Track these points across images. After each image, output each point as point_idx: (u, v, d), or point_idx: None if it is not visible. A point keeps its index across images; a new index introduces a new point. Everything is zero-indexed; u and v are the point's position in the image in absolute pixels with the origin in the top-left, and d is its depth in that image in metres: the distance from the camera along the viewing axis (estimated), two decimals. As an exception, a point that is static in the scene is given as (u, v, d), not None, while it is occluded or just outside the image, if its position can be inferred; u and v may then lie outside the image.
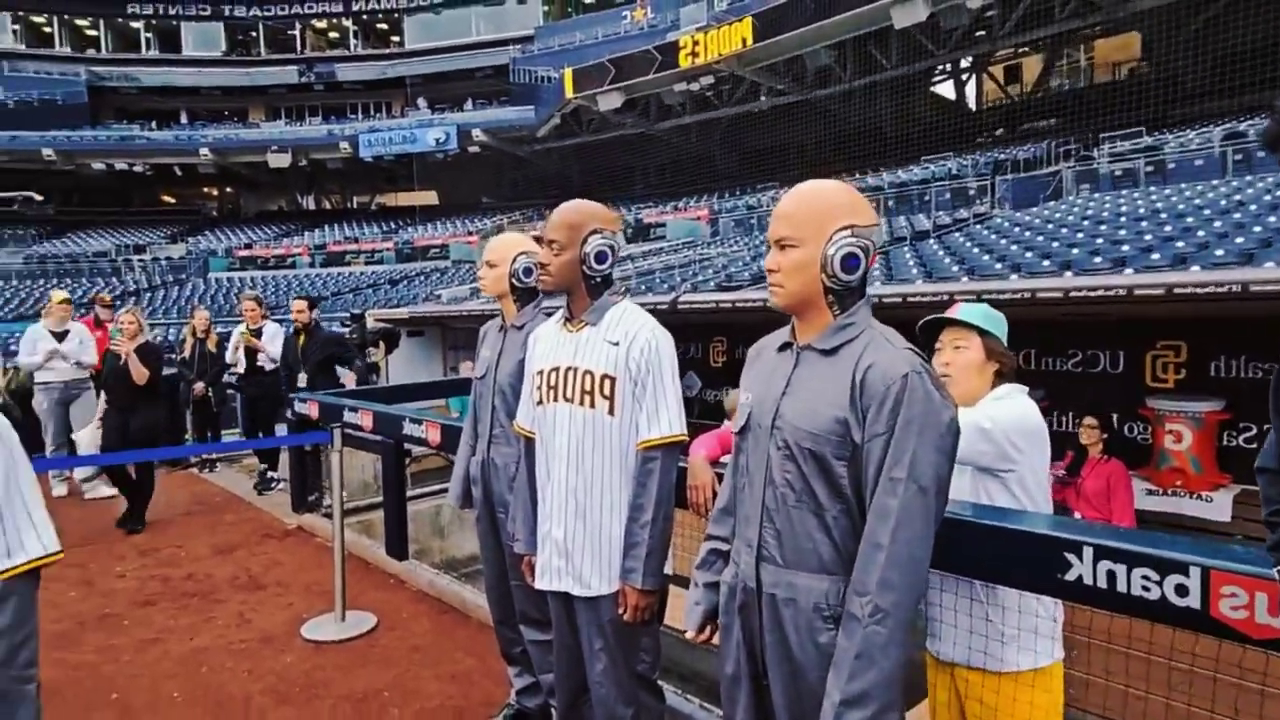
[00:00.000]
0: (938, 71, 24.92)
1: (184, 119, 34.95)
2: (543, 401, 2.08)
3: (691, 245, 21.71)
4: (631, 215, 26.40)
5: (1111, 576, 1.47)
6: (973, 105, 26.31)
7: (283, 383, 6.23)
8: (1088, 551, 1.50)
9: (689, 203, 26.94)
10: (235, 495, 6.42)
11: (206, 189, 38.39)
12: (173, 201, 38.00)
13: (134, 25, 35.32)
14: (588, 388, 1.98)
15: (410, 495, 4.99)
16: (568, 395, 2.01)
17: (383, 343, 10.60)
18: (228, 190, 38.78)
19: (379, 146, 31.56)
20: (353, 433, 4.30)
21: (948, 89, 26.55)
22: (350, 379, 6.30)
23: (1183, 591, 1.38)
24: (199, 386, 7.32)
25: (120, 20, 35.17)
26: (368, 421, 4.43)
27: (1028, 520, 1.69)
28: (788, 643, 1.42)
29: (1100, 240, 10.91)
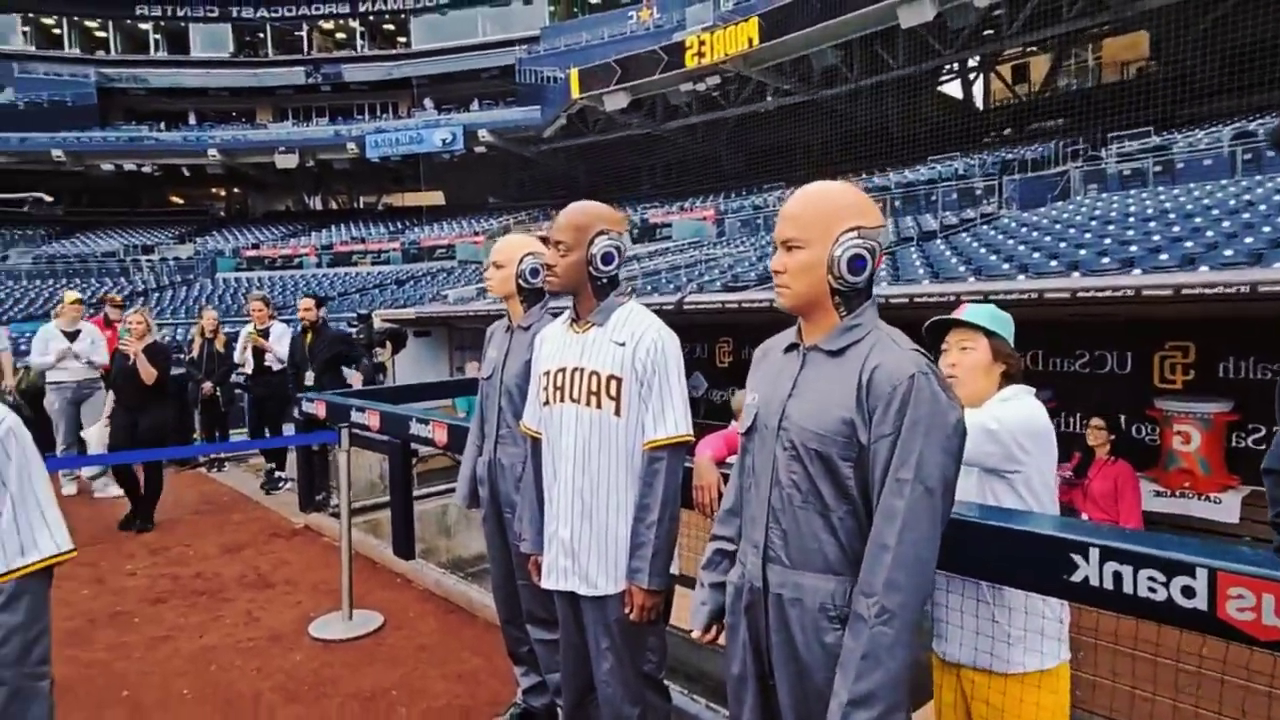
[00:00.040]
0: (945, 71, 24.85)
1: (192, 120, 35.14)
2: (549, 402, 2.08)
3: (697, 245, 21.71)
4: (637, 215, 26.41)
5: (1118, 578, 1.47)
6: (980, 105, 26.23)
7: (290, 381, 6.25)
8: (1094, 553, 1.50)
9: (695, 203, 26.93)
10: (243, 494, 6.45)
11: (214, 189, 38.59)
12: (181, 202, 38.21)
13: (142, 27, 35.55)
14: (594, 388, 1.99)
15: (417, 495, 5.00)
16: (574, 396, 2.02)
17: (389, 343, 10.63)
18: (235, 191, 38.96)
19: (385, 147, 31.68)
20: (360, 433, 4.32)
21: (955, 89, 26.51)
22: (356, 379, 6.30)
23: (1189, 593, 1.38)
24: (207, 386, 7.38)
25: (129, 22, 35.40)
26: (375, 421, 4.45)
27: (1034, 521, 1.69)
28: (794, 643, 1.42)
29: (1108, 240, 10.88)
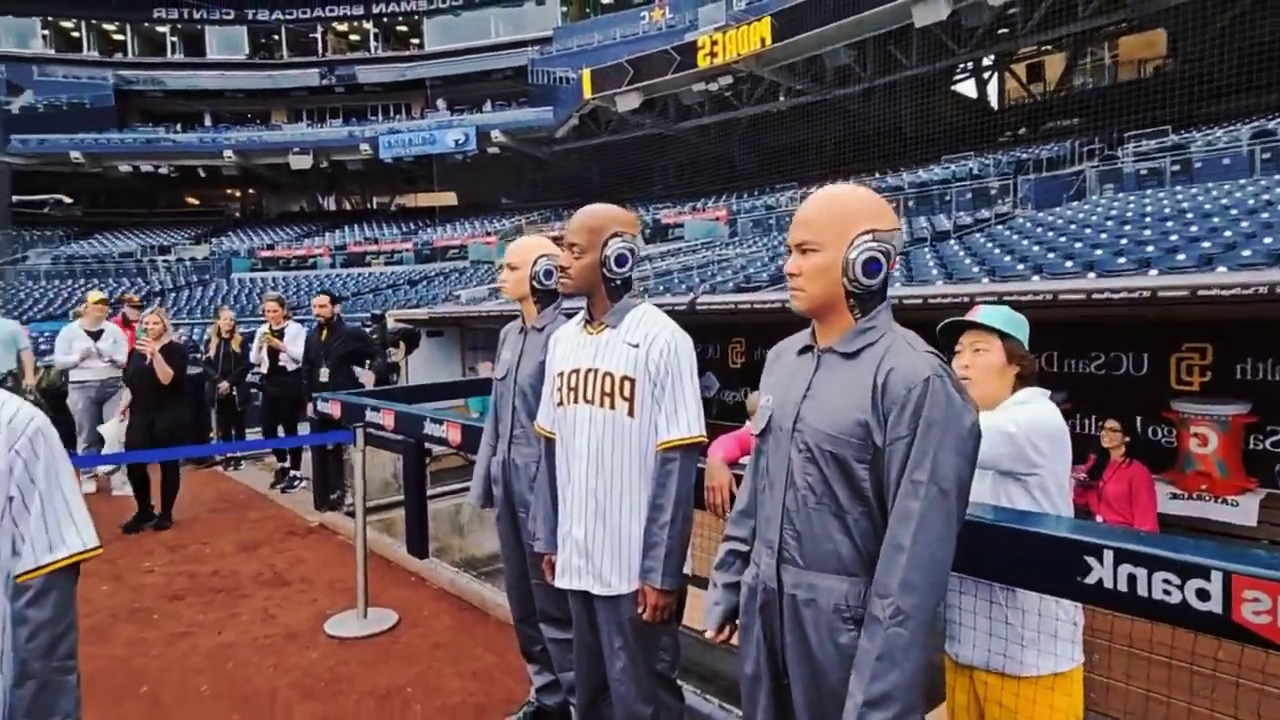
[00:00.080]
0: (959, 70, 24.68)
1: (208, 121, 35.47)
2: (563, 403, 2.10)
3: (710, 246, 21.68)
4: (649, 216, 26.40)
5: (1132, 580, 1.47)
6: (994, 104, 26.04)
7: (304, 378, 6.30)
8: (1108, 555, 1.50)
9: (707, 203, 26.90)
10: (259, 493, 6.52)
11: (229, 190, 38.93)
12: (196, 203, 38.57)
13: (159, 29, 35.91)
14: (608, 389, 2.01)
15: (430, 494, 5.04)
16: (588, 397, 2.04)
17: (403, 343, 10.72)
18: (250, 191, 39.28)
19: (399, 148, 31.84)
20: (374, 432, 4.35)
21: (969, 88, 26.30)
22: (368, 378, 6.32)
23: (1204, 596, 1.38)
24: (223, 386, 7.46)
25: (146, 25, 35.77)
26: (389, 421, 4.49)
27: (1048, 523, 1.69)
28: (808, 643, 1.43)
29: (1124, 241, 10.77)
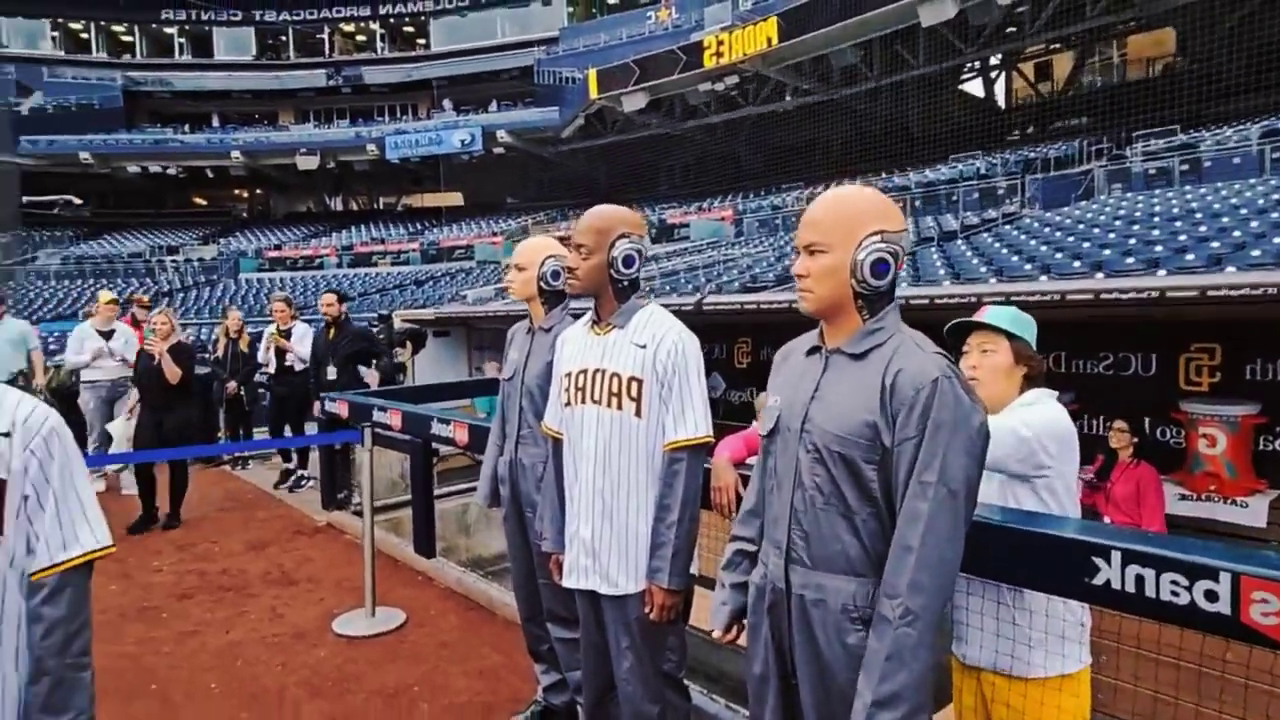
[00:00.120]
0: (966, 70, 24.62)
1: (215, 122, 35.61)
2: (570, 403, 2.11)
3: (715, 246, 21.67)
4: (655, 216, 26.39)
5: (1140, 581, 1.47)
6: (1002, 103, 25.95)
7: (311, 377, 6.33)
8: (1116, 556, 1.50)
9: (713, 203, 26.88)
10: (266, 492, 6.55)
11: (237, 191, 39.09)
12: (204, 203, 38.74)
13: (167, 31, 36.07)
14: (615, 390, 2.01)
15: (437, 494, 5.05)
16: (595, 397, 2.04)
17: (410, 343, 10.77)
18: (257, 192, 39.42)
19: (405, 148, 31.91)
20: (382, 432, 4.37)
21: (976, 87, 26.23)
22: (373, 378, 6.32)
23: (1212, 597, 1.37)
24: (231, 385, 7.50)
25: (154, 26, 35.93)
26: (396, 421, 4.51)
27: (1055, 524, 1.69)
28: (816, 643, 1.44)
29: (1133, 241, 10.73)
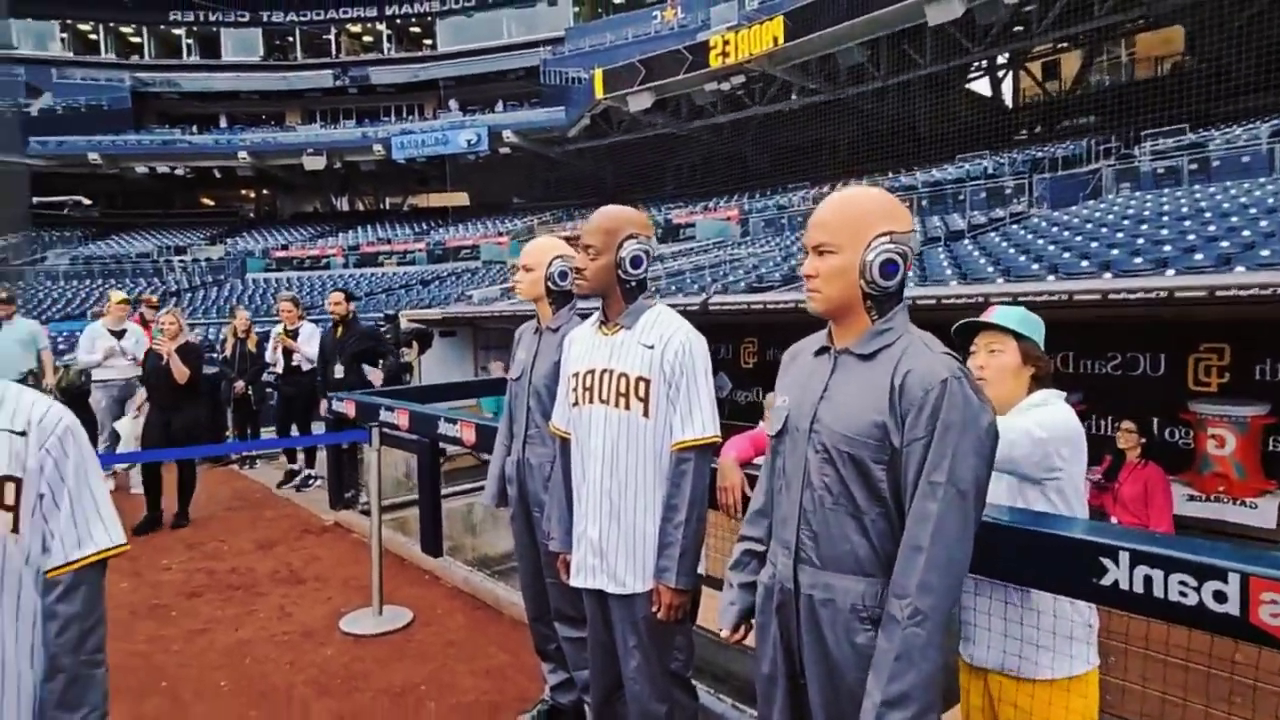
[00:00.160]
0: (973, 68, 24.54)
1: (223, 123, 35.74)
2: (578, 403, 2.12)
3: (721, 246, 21.65)
4: (661, 216, 26.39)
5: (1148, 582, 1.47)
6: (1009, 103, 25.86)
7: (319, 376, 6.35)
8: (1124, 556, 1.50)
9: (719, 203, 26.86)
10: (274, 491, 6.57)
11: (244, 191, 39.24)
12: (212, 204, 38.91)
13: (175, 32, 36.20)
14: (623, 390, 2.02)
15: (443, 493, 5.07)
16: (603, 397, 2.05)
17: (416, 343, 10.79)
18: (264, 192, 39.57)
19: (411, 148, 31.98)
20: (389, 431, 4.39)
21: (983, 86, 26.14)
22: (377, 377, 6.29)
23: (1221, 598, 1.37)
24: (239, 385, 7.54)
25: (163, 27, 36.07)
26: (404, 421, 4.53)
27: (1064, 525, 1.69)
28: (825, 642, 1.44)
29: (1141, 240, 10.67)
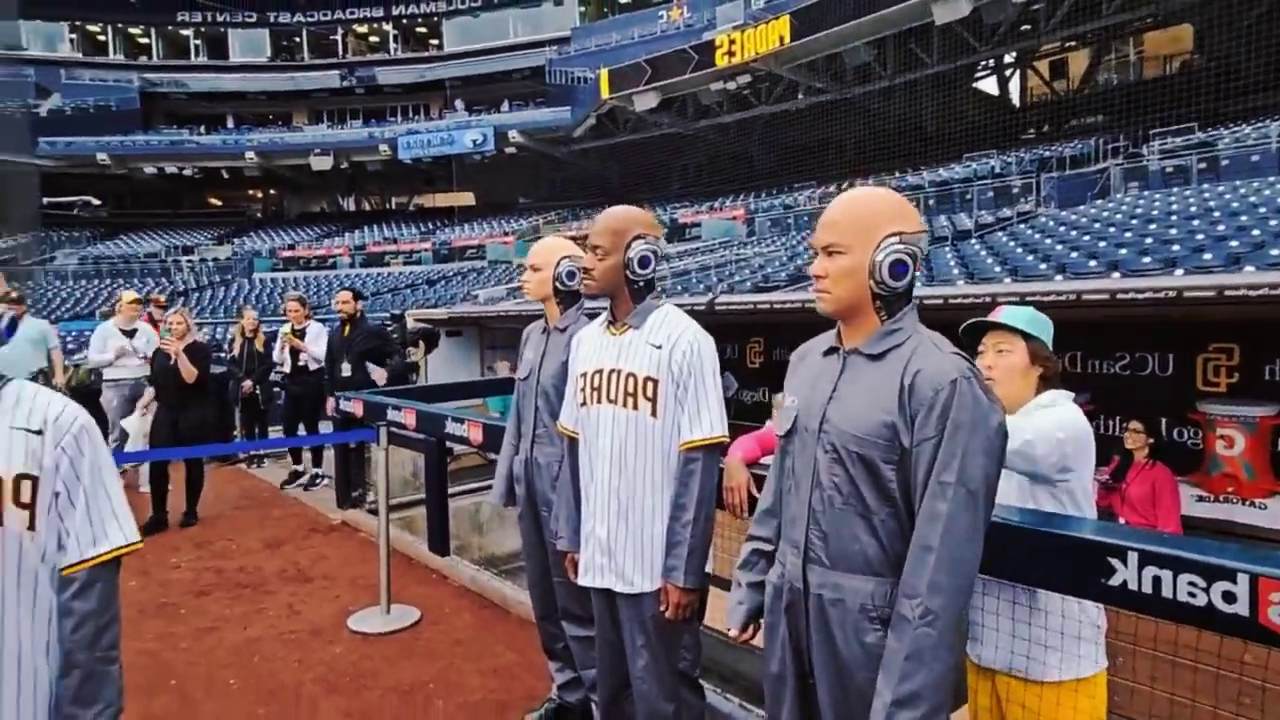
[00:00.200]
0: (980, 67, 24.48)
1: (230, 123, 35.92)
2: (586, 403, 2.12)
3: (727, 245, 21.65)
4: (666, 215, 26.40)
5: (1157, 582, 1.47)
6: (1016, 102, 25.78)
7: (326, 375, 6.36)
8: (1132, 557, 1.50)
9: (724, 202, 26.85)
10: (290, 487, 6.60)
11: (251, 191, 39.44)
12: (219, 204, 39.11)
13: (183, 33, 36.42)
14: (631, 389, 2.03)
15: (450, 493, 5.08)
16: (611, 397, 2.06)
17: (423, 342, 10.81)
18: (271, 192, 39.74)
19: (417, 148, 32.09)
20: (396, 431, 4.40)
21: (990, 85, 26.08)
22: (380, 375, 6.27)
23: (1230, 598, 1.37)
24: (247, 384, 7.57)
25: (171, 28, 36.29)
26: (411, 420, 4.54)
27: (1072, 525, 1.69)
28: (834, 642, 1.44)
29: (1149, 240, 10.64)
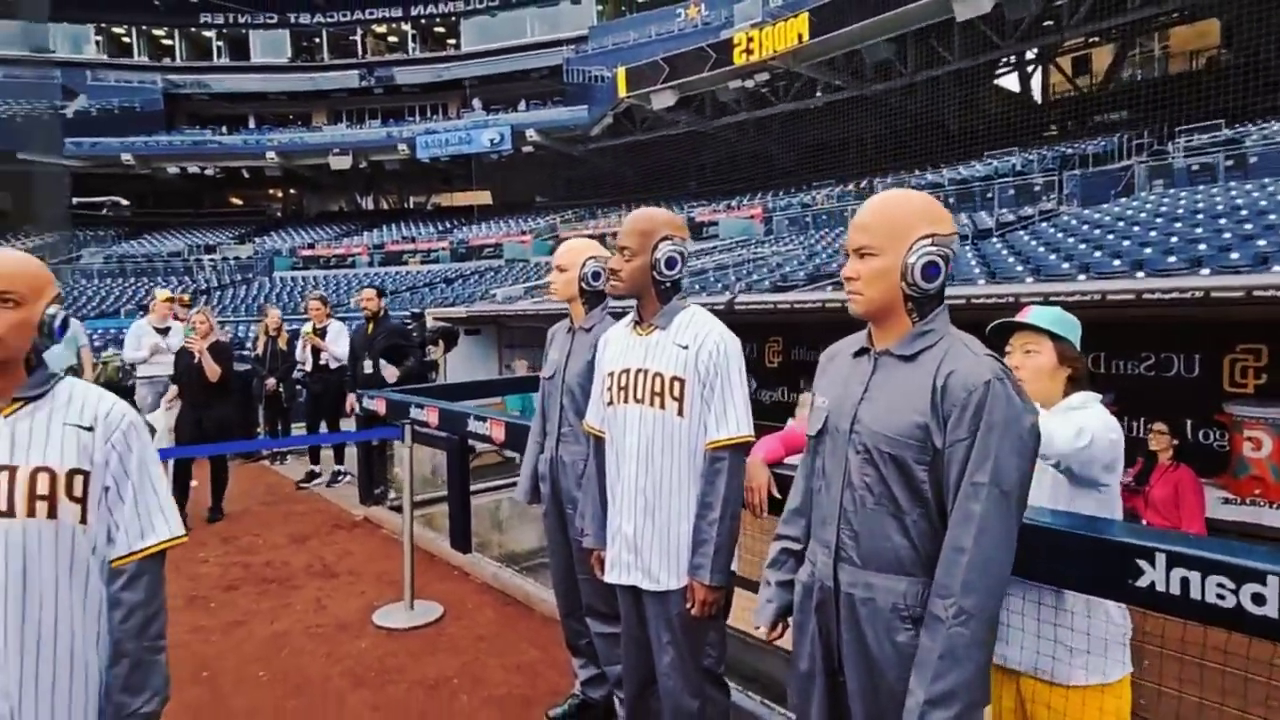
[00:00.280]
0: (1002, 64, 24.22)
1: (252, 124, 36.32)
2: (613, 402, 2.15)
3: (745, 244, 21.60)
4: (683, 214, 26.35)
5: (1185, 583, 1.47)
6: (1038, 98, 25.49)
7: (348, 372, 6.43)
8: (1160, 558, 1.50)
9: (742, 201, 26.78)
10: (304, 487, 6.69)
11: (272, 191, 39.88)
12: (240, 203, 39.58)
13: (206, 34, 36.88)
14: (657, 389, 2.05)
15: (471, 490, 5.12)
16: (638, 396, 2.08)
17: (442, 341, 10.88)
18: (291, 192, 40.15)
19: (435, 148, 32.28)
20: (419, 429, 4.46)
21: (1012, 81, 25.80)
22: (392, 374, 6.27)
23: (1260, 600, 1.37)
24: (270, 382, 7.67)
25: (194, 30, 36.75)
26: (433, 418, 4.60)
27: (1099, 526, 1.69)
28: (865, 641, 1.46)
29: (1175, 239, 10.49)
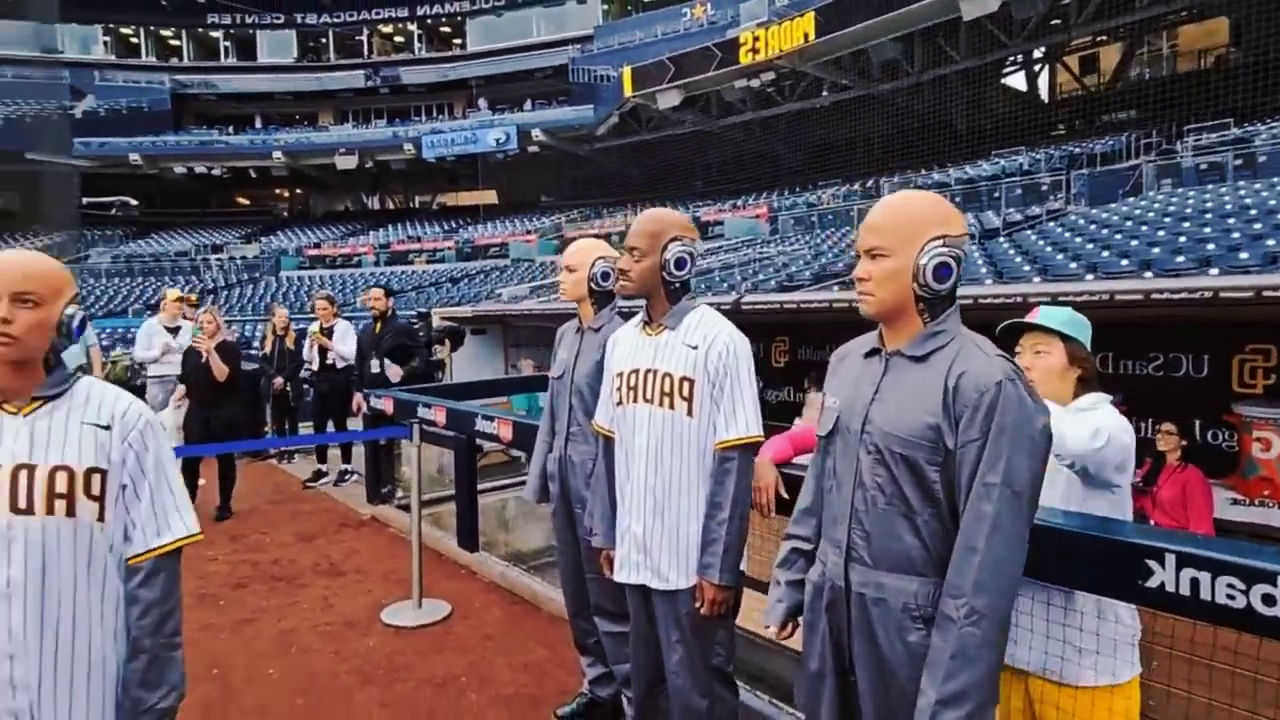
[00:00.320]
0: (1009, 63, 24.14)
1: (258, 124, 36.45)
2: (622, 402, 2.16)
3: (750, 244, 21.58)
4: (689, 213, 26.35)
5: (1195, 584, 1.47)
6: (1045, 97, 25.38)
7: (355, 371, 6.46)
8: (1170, 559, 1.50)
9: (747, 200, 26.76)
10: (311, 486, 6.72)
11: (278, 190, 39.99)
12: (247, 203, 39.70)
13: (213, 35, 37.01)
14: (667, 389, 2.06)
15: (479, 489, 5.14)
16: (647, 396, 2.09)
17: (448, 340, 10.91)
18: (297, 191, 40.28)
19: (441, 147, 32.32)
20: (427, 428, 4.47)
21: (1019, 80, 25.70)
22: (395, 373, 6.28)
23: (1270, 601, 1.37)
24: (278, 381, 7.71)
25: (201, 30, 36.90)
26: (441, 418, 4.62)
27: (1109, 527, 1.69)
28: (876, 641, 1.46)
29: (1183, 239, 10.44)
